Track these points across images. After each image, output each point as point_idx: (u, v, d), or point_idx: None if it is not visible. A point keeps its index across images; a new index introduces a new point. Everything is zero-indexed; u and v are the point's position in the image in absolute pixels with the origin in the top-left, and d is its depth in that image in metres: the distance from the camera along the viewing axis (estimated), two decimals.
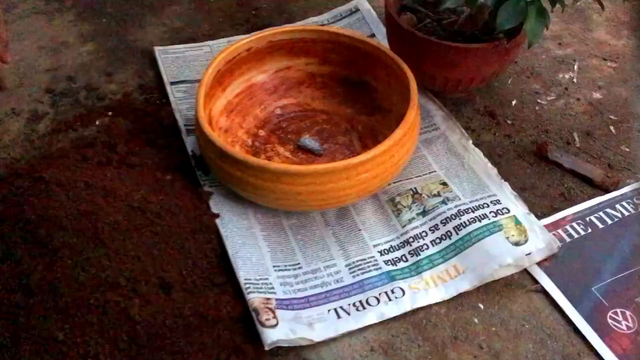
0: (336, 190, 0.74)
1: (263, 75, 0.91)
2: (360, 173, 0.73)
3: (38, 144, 0.89)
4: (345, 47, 0.89)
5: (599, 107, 0.95)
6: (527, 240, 0.75)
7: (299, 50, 0.90)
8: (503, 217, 0.77)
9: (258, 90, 0.91)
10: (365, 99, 0.91)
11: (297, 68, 0.92)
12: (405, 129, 0.76)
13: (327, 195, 0.74)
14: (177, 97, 0.93)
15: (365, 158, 0.73)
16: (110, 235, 0.68)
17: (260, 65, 0.90)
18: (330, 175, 0.73)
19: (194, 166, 0.83)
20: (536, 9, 0.79)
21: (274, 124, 0.90)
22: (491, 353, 0.69)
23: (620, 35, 1.07)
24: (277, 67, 0.91)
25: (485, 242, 0.75)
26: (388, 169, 0.76)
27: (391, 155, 0.75)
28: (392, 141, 0.74)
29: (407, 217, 0.79)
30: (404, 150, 0.77)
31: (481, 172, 0.83)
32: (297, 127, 0.89)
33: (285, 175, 0.72)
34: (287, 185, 0.73)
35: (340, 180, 0.73)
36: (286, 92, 0.92)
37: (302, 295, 0.72)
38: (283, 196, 0.74)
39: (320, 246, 0.77)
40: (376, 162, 0.74)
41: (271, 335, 0.66)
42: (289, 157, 0.86)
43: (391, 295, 0.72)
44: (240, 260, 0.74)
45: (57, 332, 0.62)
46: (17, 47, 1.03)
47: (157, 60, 0.99)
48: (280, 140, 0.88)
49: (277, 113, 0.91)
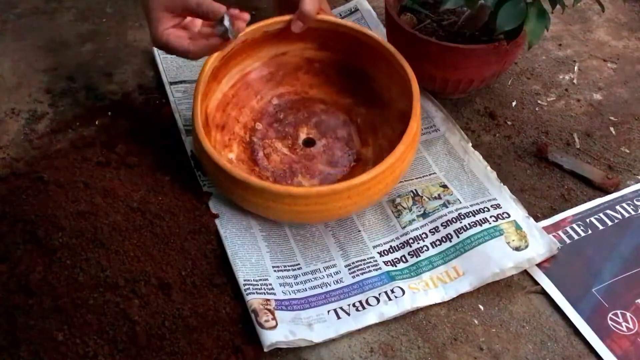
0: (337, 209, 0.74)
1: (258, 62, 0.89)
2: (362, 192, 0.73)
3: (37, 144, 0.88)
4: (345, 36, 0.86)
5: (599, 108, 0.95)
6: (527, 245, 0.75)
7: (295, 36, 0.85)
8: (503, 222, 0.77)
9: (254, 79, 0.89)
10: (364, 88, 0.89)
11: (293, 53, 0.89)
12: (407, 143, 0.75)
13: (329, 213, 0.75)
14: (177, 97, 0.93)
15: (367, 178, 0.72)
16: (110, 236, 0.68)
17: (256, 53, 0.88)
18: (332, 196, 0.73)
19: (193, 167, 0.83)
20: (536, 10, 0.79)
21: (271, 115, 0.89)
22: (491, 354, 0.68)
23: (621, 36, 1.07)
24: (274, 53, 0.89)
25: (486, 246, 0.75)
26: (389, 183, 0.76)
27: (392, 171, 0.75)
28: (394, 158, 0.73)
29: (407, 218, 0.79)
30: (404, 164, 0.77)
31: (481, 175, 0.83)
32: (294, 119, 0.88)
33: (288, 197, 0.72)
34: (288, 205, 0.73)
35: (342, 200, 0.73)
36: (283, 79, 0.90)
37: (302, 296, 0.72)
38: (284, 215, 0.75)
39: (319, 247, 0.77)
40: (377, 180, 0.73)
41: (270, 337, 0.66)
42: (287, 154, 0.85)
43: (391, 295, 0.72)
44: (240, 260, 0.73)
45: (56, 332, 0.62)
46: (17, 47, 1.03)
47: (157, 60, 0.99)
48: (278, 135, 0.87)
49: (274, 103, 0.90)
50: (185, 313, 0.66)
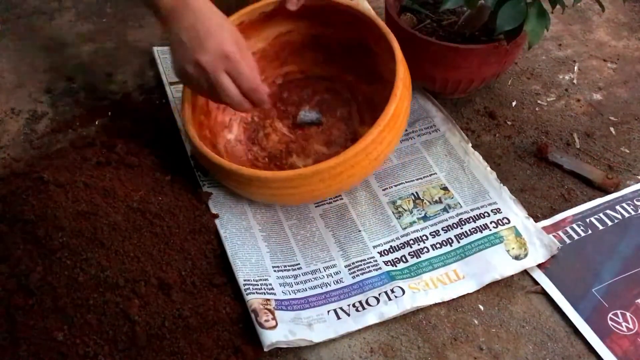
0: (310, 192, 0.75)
1: (263, 42, 0.89)
2: (334, 175, 0.72)
3: (37, 144, 0.88)
4: (345, 14, 0.84)
5: (599, 108, 0.95)
6: (526, 254, 0.75)
7: (300, 13, 0.85)
8: (503, 228, 0.77)
9: (259, 58, 0.88)
10: (367, 64, 0.87)
11: (299, 32, 0.89)
12: (382, 125, 0.72)
13: (301, 196, 0.76)
14: (177, 97, 0.93)
15: (334, 163, 0.71)
16: (110, 236, 0.68)
17: (258, 34, 0.88)
18: (300, 180, 0.73)
19: (193, 167, 0.83)
20: (536, 10, 0.79)
21: (275, 94, 0.90)
22: (491, 354, 0.68)
23: (620, 37, 1.07)
24: (277, 32, 0.89)
25: (486, 252, 0.75)
26: (366, 166, 0.74)
27: (367, 153, 0.72)
28: (368, 140, 0.71)
29: (408, 220, 0.79)
30: (382, 146, 0.74)
31: (481, 177, 0.83)
32: (297, 98, 0.89)
33: (257, 180, 0.73)
34: (259, 189, 0.75)
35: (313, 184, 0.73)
36: (288, 58, 0.90)
37: (302, 295, 0.72)
38: (260, 195, 0.77)
39: (319, 247, 0.77)
40: (349, 164, 0.72)
41: (270, 337, 0.66)
42: (286, 134, 0.86)
43: (391, 295, 0.72)
44: (240, 261, 0.73)
45: (56, 332, 0.62)
46: (17, 47, 1.03)
47: (157, 60, 0.99)
48: (280, 114, 0.88)
49: (279, 82, 0.90)
50: (185, 313, 0.66)
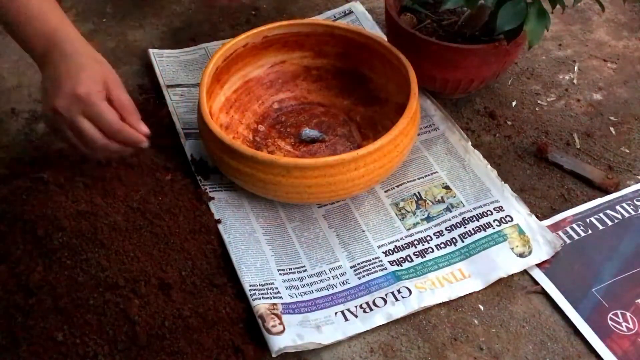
0: (345, 182, 0.74)
1: (259, 70, 0.92)
2: (368, 163, 0.74)
3: (37, 144, 0.88)
4: (340, 39, 0.90)
5: (599, 108, 0.95)
6: (530, 251, 0.75)
7: (293, 44, 0.91)
8: (507, 226, 0.77)
9: (255, 85, 0.92)
10: (362, 89, 0.91)
11: (291, 62, 0.93)
12: (409, 117, 0.77)
13: (336, 187, 0.75)
14: (174, 100, 0.93)
15: (373, 148, 0.74)
16: (110, 236, 0.68)
17: (256, 61, 0.91)
18: (340, 167, 0.73)
19: (194, 171, 0.83)
20: (536, 10, 0.79)
21: (273, 118, 0.91)
22: (491, 354, 0.68)
23: (621, 36, 1.07)
24: (273, 62, 0.92)
25: (490, 251, 0.75)
26: (394, 158, 0.77)
27: (396, 145, 0.76)
28: (397, 130, 0.75)
29: (411, 221, 0.79)
30: (407, 139, 0.78)
31: (482, 175, 0.83)
32: (295, 121, 0.90)
33: (295, 169, 0.73)
34: (296, 179, 0.73)
35: (349, 172, 0.74)
36: (282, 86, 0.93)
37: (309, 298, 0.72)
38: (293, 189, 0.75)
39: (324, 248, 0.77)
40: (382, 152, 0.75)
41: (278, 342, 0.66)
42: (291, 150, 0.86)
43: (398, 295, 0.72)
44: (245, 266, 0.73)
45: (56, 332, 0.62)
46: (17, 47, 1.03)
47: (153, 62, 0.99)
48: (280, 135, 0.88)
49: (275, 107, 0.92)
50: (185, 313, 0.66)
